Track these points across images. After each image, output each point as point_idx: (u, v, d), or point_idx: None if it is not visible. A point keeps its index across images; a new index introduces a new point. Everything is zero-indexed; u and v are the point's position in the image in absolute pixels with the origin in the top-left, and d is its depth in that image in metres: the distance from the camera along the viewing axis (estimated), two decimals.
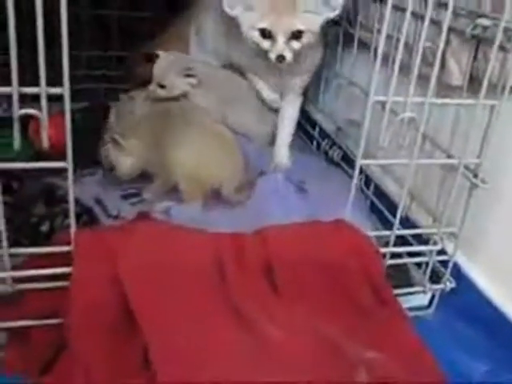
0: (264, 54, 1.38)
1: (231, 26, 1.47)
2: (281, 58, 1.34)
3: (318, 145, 1.75)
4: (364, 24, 1.48)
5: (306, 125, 1.85)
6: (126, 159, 1.37)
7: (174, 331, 0.87)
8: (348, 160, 1.56)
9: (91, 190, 1.38)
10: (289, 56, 1.35)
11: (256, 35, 1.36)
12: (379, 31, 1.40)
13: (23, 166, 0.82)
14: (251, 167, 1.46)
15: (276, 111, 1.65)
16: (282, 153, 1.59)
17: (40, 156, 0.92)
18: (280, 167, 1.53)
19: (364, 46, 1.50)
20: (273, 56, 1.35)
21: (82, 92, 1.69)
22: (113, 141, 1.36)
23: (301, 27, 1.33)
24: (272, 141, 1.65)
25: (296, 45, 1.36)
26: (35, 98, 0.78)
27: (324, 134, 1.74)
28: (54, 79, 0.79)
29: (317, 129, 1.78)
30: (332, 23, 1.55)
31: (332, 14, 1.36)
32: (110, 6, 1.98)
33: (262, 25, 1.33)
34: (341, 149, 1.61)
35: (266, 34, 1.34)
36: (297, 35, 1.34)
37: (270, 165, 1.54)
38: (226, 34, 1.60)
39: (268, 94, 1.61)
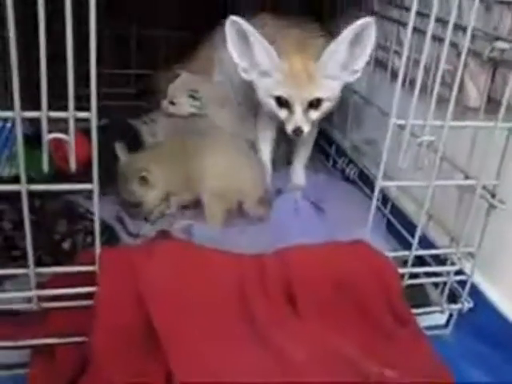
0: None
1: None
2: (298, 131, 1.27)
3: (334, 162, 1.76)
4: (381, 43, 1.49)
5: (322, 142, 1.85)
6: (152, 193, 1.37)
7: (197, 351, 0.88)
8: (364, 178, 1.58)
9: (112, 207, 1.39)
10: (306, 129, 1.28)
11: (272, 103, 1.30)
12: (396, 52, 1.42)
13: (52, 188, 0.84)
14: (268, 184, 1.47)
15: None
16: (299, 173, 1.59)
17: (59, 174, 0.94)
18: (297, 187, 1.53)
19: (381, 64, 1.51)
20: (289, 128, 1.28)
21: (102, 109, 1.71)
22: (140, 179, 1.35)
23: (320, 95, 1.27)
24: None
25: (314, 115, 1.30)
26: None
27: (340, 151, 1.75)
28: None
29: (333, 147, 1.80)
30: None
31: (352, 78, 1.29)
32: (128, 25, 2.01)
33: (279, 93, 1.27)
34: (357, 167, 1.62)
35: (282, 102, 1.28)
36: (316, 104, 1.28)
37: (288, 184, 1.54)
38: None
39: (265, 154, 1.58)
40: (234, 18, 1.19)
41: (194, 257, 0.95)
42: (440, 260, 1.18)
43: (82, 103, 0.81)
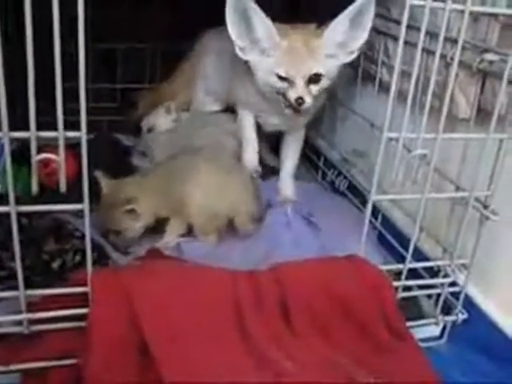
0: (278, 97, 1.34)
1: (236, 67, 1.45)
2: (300, 99, 1.28)
3: (324, 174, 1.76)
4: (368, 55, 1.49)
5: (310, 154, 1.85)
6: (138, 224, 1.31)
7: (192, 369, 0.86)
8: (354, 190, 1.57)
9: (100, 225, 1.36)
10: (308, 100, 1.29)
11: (274, 79, 1.31)
12: (384, 63, 1.42)
13: (42, 209, 0.82)
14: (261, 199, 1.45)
15: None
16: (287, 184, 1.58)
17: (44, 189, 0.92)
18: (286, 199, 1.52)
19: (368, 76, 1.51)
20: (292, 96, 1.29)
21: (88, 124, 1.69)
22: (128, 211, 1.29)
23: (320, 70, 1.29)
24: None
25: (314, 89, 1.31)
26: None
27: (329, 163, 1.75)
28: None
29: (321, 158, 1.79)
30: None
31: (349, 58, 1.32)
32: (113, 40, 2.00)
33: (280, 71, 1.28)
34: (346, 178, 1.62)
35: (283, 78, 1.29)
36: (315, 79, 1.30)
37: (277, 197, 1.53)
38: (230, 75, 1.59)
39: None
40: None
41: (188, 275, 0.94)
42: (433, 271, 1.18)
43: (68, 116, 0.79)
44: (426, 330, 1.17)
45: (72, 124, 0.80)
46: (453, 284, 1.14)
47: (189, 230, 1.33)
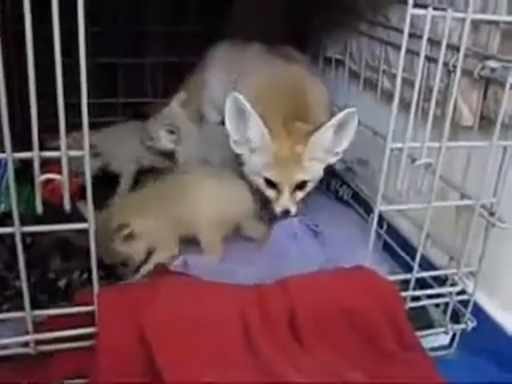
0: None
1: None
2: (286, 213, 1.32)
3: (328, 183, 1.75)
4: (369, 63, 1.49)
5: None
6: (138, 245, 1.25)
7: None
8: (358, 199, 1.57)
9: None
10: (293, 210, 1.32)
11: (261, 182, 1.33)
12: (384, 71, 1.42)
13: (46, 229, 0.82)
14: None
15: None
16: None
17: (46, 206, 0.91)
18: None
19: (369, 84, 1.51)
20: (278, 210, 1.32)
21: None
22: (125, 236, 1.23)
23: (306, 178, 1.32)
24: None
25: (300, 195, 1.34)
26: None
27: (333, 172, 1.74)
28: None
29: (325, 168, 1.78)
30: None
31: (333, 160, 1.34)
32: (113, 54, 2.01)
33: (268, 175, 1.30)
34: (350, 187, 1.62)
35: (269, 182, 1.31)
36: (301, 185, 1.32)
37: None
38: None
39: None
40: (235, 94, 1.22)
41: (195, 292, 0.94)
42: (440, 279, 1.17)
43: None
44: (436, 340, 1.17)
45: None
46: (461, 292, 1.13)
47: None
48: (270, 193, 1.33)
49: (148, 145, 1.71)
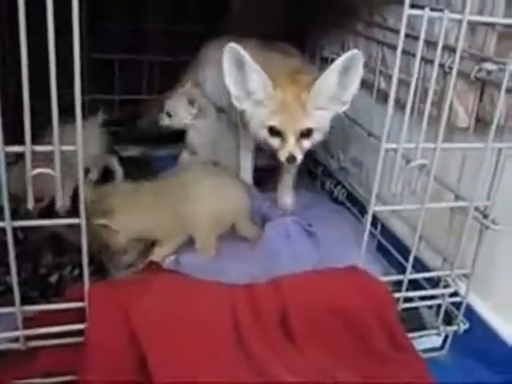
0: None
1: None
2: (292, 159, 1.27)
3: (322, 183, 1.75)
4: (365, 63, 1.48)
5: (309, 164, 1.84)
6: (116, 237, 1.23)
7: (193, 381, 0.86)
8: (353, 199, 1.57)
9: None
10: (299, 156, 1.28)
11: (265, 133, 1.29)
12: (381, 72, 1.42)
13: (40, 224, 0.81)
14: (254, 209, 1.45)
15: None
16: (286, 195, 1.59)
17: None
18: (285, 210, 1.53)
19: (366, 84, 1.51)
20: (283, 157, 1.28)
21: None
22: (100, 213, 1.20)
23: (311, 125, 1.27)
24: None
25: (306, 143, 1.30)
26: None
27: (327, 173, 1.74)
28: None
29: (320, 168, 1.79)
30: None
31: (342, 109, 1.30)
32: (111, 50, 2.00)
33: (272, 123, 1.27)
34: (345, 188, 1.62)
35: (274, 131, 1.28)
36: (307, 133, 1.28)
37: (276, 209, 1.54)
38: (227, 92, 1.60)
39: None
40: (232, 44, 1.19)
41: (186, 289, 0.93)
42: (433, 281, 1.17)
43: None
44: (428, 341, 1.17)
45: None
46: (454, 294, 1.13)
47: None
48: (275, 142, 1.30)
49: (165, 123, 1.77)
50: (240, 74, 1.24)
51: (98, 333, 0.84)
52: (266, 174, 1.69)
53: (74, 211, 0.85)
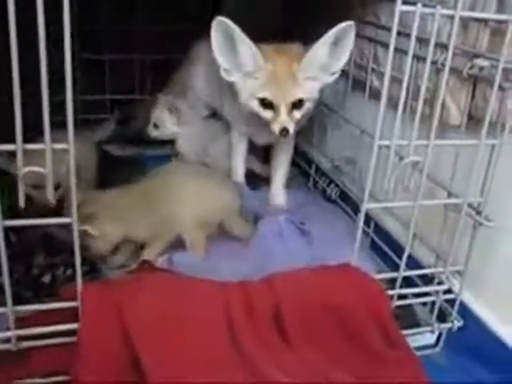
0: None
1: (224, 83, 1.44)
2: (284, 131, 1.28)
3: (315, 182, 1.75)
4: (357, 61, 1.49)
5: (301, 162, 1.86)
6: (97, 242, 1.23)
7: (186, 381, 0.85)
8: (345, 198, 1.57)
9: None
10: (291, 129, 1.29)
11: (256, 104, 1.31)
12: (373, 69, 1.42)
13: (32, 223, 0.81)
14: (246, 208, 1.45)
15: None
16: (279, 194, 1.59)
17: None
18: (277, 208, 1.53)
19: (358, 82, 1.51)
20: (276, 129, 1.29)
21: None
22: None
23: (302, 96, 1.29)
24: None
25: (297, 114, 1.31)
26: None
27: (320, 171, 1.74)
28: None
29: (313, 166, 1.79)
30: None
31: (331, 79, 1.32)
32: (101, 50, 2.00)
33: (263, 94, 1.28)
34: (338, 186, 1.62)
35: (266, 103, 1.29)
36: (298, 104, 1.30)
37: (268, 207, 1.54)
38: (219, 88, 1.61)
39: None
40: (220, 18, 1.20)
41: (179, 288, 0.93)
42: (427, 278, 1.17)
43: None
44: (422, 338, 1.17)
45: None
46: (448, 291, 1.13)
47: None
48: (266, 114, 1.31)
49: (154, 135, 1.79)
50: (229, 46, 1.25)
51: (91, 332, 0.84)
52: (258, 176, 1.72)
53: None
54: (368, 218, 1.40)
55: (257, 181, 1.71)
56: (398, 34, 0.87)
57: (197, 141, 1.78)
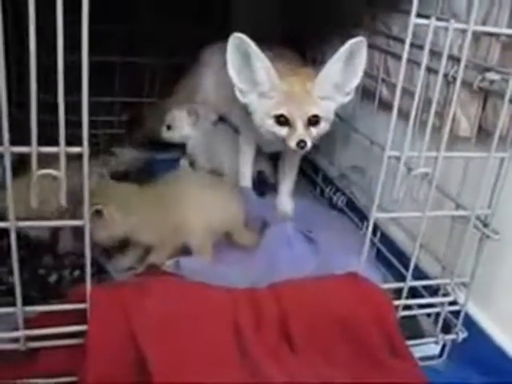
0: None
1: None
2: (302, 143, 1.26)
3: (322, 191, 1.76)
4: (368, 72, 1.49)
5: (309, 171, 1.86)
6: (100, 232, 1.21)
7: None
8: (352, 206, 1.57)
9: None
10: (309, 142, 1.27)
11: (271, 123, 1.29)
12: (383, 80, 1.42)
13: (44, 225, 0.81)
14: (254, 215, 1.45)
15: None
16: (286, 201, 1.59)
17: None
18: (284, 216, 1.53)
19: (368, 93, 1.51)
20: (293, 142, 1.26)
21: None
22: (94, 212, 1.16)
23: (318, 113, 1.28)
24: None
25: (314, 131, 1.30)
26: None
27: (327, 179, 1.75)
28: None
29: (320, 175, 1.79)
30: None
31: (345, 99, 1.32)
32: (111, 53, 2.01)
33: (279, 112, 1.27)
34: (344, 195, 1.62)
35: (282, 121, 1.28)
36: (314, 121, 1.29)
37: (276, 214, 1.53)
38: (229, 93, 1.60)
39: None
40: (237, 34, 1.19)
41: (186, 293, 0.93)
42: (432, 289, 1.17)
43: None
44: (426, 349, 1.16)
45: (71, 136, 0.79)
46: (453, 303, 1.13)
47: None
48: (282, 132, 1.29)
49: (165, 136, 1.81)
50: (244, 64, 1.24)
51: (99, 335, 0.84)
52: (266, 181, 1.72)
53: None
54: (375, 228, 1.39)
55: (264, 186, 1.71)
56: (410, 45, 0.87)
57: (207, 144, 1.78)
